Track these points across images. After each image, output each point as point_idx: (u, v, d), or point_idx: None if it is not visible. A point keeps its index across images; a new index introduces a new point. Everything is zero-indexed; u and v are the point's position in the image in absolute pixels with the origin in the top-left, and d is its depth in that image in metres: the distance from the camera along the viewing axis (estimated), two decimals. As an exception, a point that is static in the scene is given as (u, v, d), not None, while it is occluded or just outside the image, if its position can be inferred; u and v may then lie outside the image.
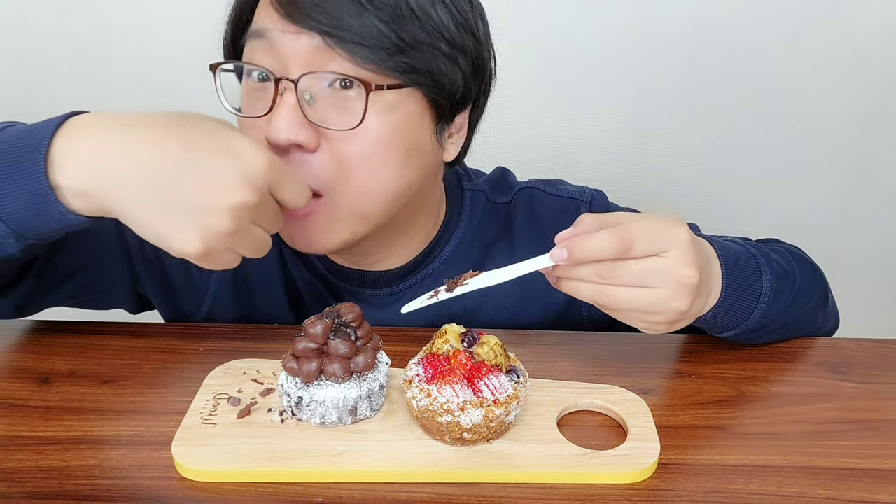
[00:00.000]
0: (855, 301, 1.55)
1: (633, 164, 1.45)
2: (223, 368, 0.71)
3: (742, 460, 0.63)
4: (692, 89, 1.39)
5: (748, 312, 0.72)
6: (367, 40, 0.64)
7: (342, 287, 0.85)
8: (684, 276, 0.61)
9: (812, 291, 0.81)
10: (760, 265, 0.74)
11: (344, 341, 0.63)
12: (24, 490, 0.58)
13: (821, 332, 0.85)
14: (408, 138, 0.70)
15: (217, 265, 0.60)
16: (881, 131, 1.43)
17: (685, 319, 0.65)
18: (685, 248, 0.61)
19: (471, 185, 0.89)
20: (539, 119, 1.40)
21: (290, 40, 0.65)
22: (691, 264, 0.61)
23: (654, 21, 1.34)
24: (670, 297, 0.61)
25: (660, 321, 0.63)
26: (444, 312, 0.81)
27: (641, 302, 0.61)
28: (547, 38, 1.35)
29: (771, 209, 1.50)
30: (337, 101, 0.67)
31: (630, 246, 0.59)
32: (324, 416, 0.63)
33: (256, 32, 0.67)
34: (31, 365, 0.74)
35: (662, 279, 0.61)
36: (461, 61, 0.70)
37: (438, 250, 0.86)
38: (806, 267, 0.82)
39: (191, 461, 0.60)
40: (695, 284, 0.61)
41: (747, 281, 0.71)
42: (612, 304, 0.62)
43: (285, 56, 0.66)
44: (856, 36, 1.35)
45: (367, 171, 0.69)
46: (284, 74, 0.66)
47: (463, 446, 0.62)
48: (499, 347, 0.63)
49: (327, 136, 0.67)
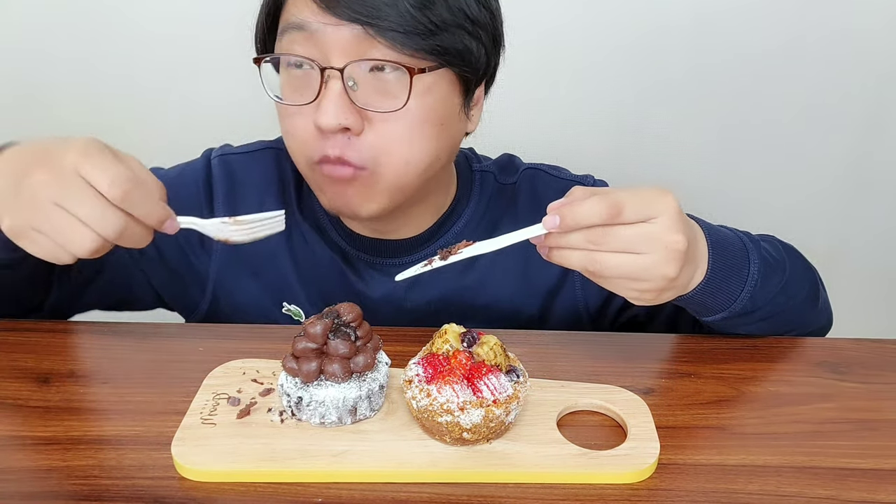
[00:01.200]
0: (855, 300, 1.55)
1: (632, 159, 1.45)
2: (223, 368, 0.71)
3: (742, 460, 0.63)
4: (691, 84, 1.39)
5: (735, 294, 0.73)
6: (404, 26, 0.68)
7: (359, 257, 0.89)
8: (673, 242, 0.61)
9: (802, 284, 0.82)
10: (748, 249, 0.75)
11: (343, 341, 0.63)
12: (24, 490, 0.58)
13: (811, 329, 0.84)
14: (442, 114, 0.75)
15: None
16: (882, 127, 1.43)
17: (673, 289, 0.65)
18: (673, 215, 0.62)
19: (480, 167, 0.93)
20: (536, 114, 1.40)
21: (330, 31, 0.69)
22: (679, 230, 0.62)
23: (652, 17, 1.34)
24: (659, 263, 0.62)
25: (648, 288, 0.64)
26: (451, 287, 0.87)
27: (630, 268, 0.62)
28: (543, 33, 1.35)
29: (770, 205, 1.49)
30: (378, 84, 0.71)
31: (620, 211, 0.60)
32: (323, 416, 0.63)
33: (296, 25, 0.70)
34: (31, 365, 0.74)
35: (651, 245, 0.61)
36: (483, 37, 0.75)
37: (449, 225, 0.89)
38: (797, 260, 0.83)
39: (190, 461, 0.60)
40: (683, 250, 0.62)
41: (734, 262, 0.72)
42: (601, 271, 0.63)
43: (326, 46, 0.70)
44: (856, 30, 1.35)
45: (408, 146, 0.74)
46: (327, 63, 0.70)
47: (463, 446, 0.62)
48: (498, 347, 0.63)
49: (370, 117, 0.72)
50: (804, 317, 0.83)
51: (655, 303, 0.67)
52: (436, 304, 0.89)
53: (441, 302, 0.89)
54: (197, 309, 0.93)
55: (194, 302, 0.93)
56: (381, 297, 0.88)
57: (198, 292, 0.92)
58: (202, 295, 0.92)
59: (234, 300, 0.91)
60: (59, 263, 0.65)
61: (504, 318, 0.90)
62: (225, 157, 0.91)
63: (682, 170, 1.46)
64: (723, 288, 0.72)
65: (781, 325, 0.81)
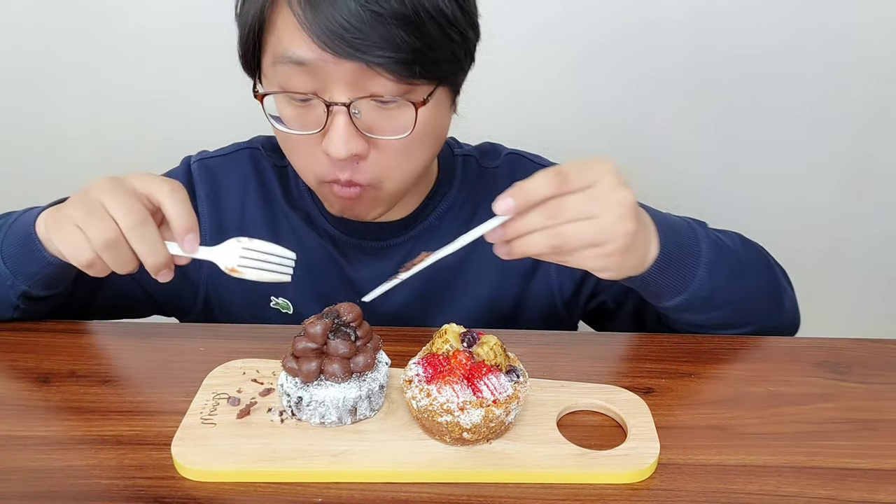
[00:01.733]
0: (855, 300, 1.55)
1: (630, 161, 1.44)
2: (223, 368, 0.71)
3: (742, 460, 0.63)
4: (690, 84, 1.39)
5: (692, 273, 0.75)
6: (403, 57, 0.69)
7: (347, 241, 0.91)
8: (621, 197, 0.63)
9: (760, 275, 0.83)
10: (695, 230, 0.77)
11: (343, 341, 0.63)
12: (24, 490, 0.58)
13: (772, 326, 0.85)
14: (440, 124, 0.79)
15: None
16: (882, 128, 1.43)
17: (634, 249, 0.66)
18: (613, 173, 0.64)
19: (462, 152, 0.95)
20: (532, 115, 1.40)
21: (331, 67, 0.70)
22: (623, 186, 0.64)
23: (651, 17, 1.33)
24: (615, 221, 0.63)
25: (612, 250, 0.64)
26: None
27: (590, 232, 0.63)
28: (540, 30, 1.34)
29: (770, 205, 1.49)
30: (382, 111, 0.73)
31: (565, 178, 0.62)
32: (323, 415, 0.63)
33: (294, 60, 0.71)
34: (31, 365, 0.74)
35: (602, 205, 0.63)
36: (467, 43, 0.76)
37: (433, 207, 0.91)
38: (754, 252, 0.85)
39: (190, 461, 0.60)
40: (632, 203, 0.64)
41: (685, 241, 0.75)
42: (565, 243, 0.63)
43: (328, 80, 0.71)
44: (856, 31, 1.34)
45: (409, 161, 0.78)
46: (331, 98, 0.71)
47: (463, 446, 0.62)
48: (498, 347, 0.63)
49: (376, 141, 0.74)
50: (765, 311, 0.83)
51: (621, 271, 0.68)
52: (419, 289, 0.91)
53: (426, 284, 0.90)
54: (190, 313, 0.95)
55: (188, 306, 0.94)
56: (371, 280, 0.88)
57: (190, 297, 0.93)
58: (194, 299, 0.93)
59: (225, 301, 0.92)
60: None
61: (484, 301, 0.92)
62: (203, 162, 0.93)
63: (681, 172, 1.46)
64: (678, 266, 0.74)
65: (742, 315, 0.81)
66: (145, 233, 0.65)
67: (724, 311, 0.80)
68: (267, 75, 0.75)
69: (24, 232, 0.75)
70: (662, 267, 0.72)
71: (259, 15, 0.72)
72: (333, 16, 0.67)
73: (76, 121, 1.43)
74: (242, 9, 0.75)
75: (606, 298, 0.93)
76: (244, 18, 0.75)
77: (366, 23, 0.67)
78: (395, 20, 0.68)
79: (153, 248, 0.65)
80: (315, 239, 0.91)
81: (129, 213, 0.64)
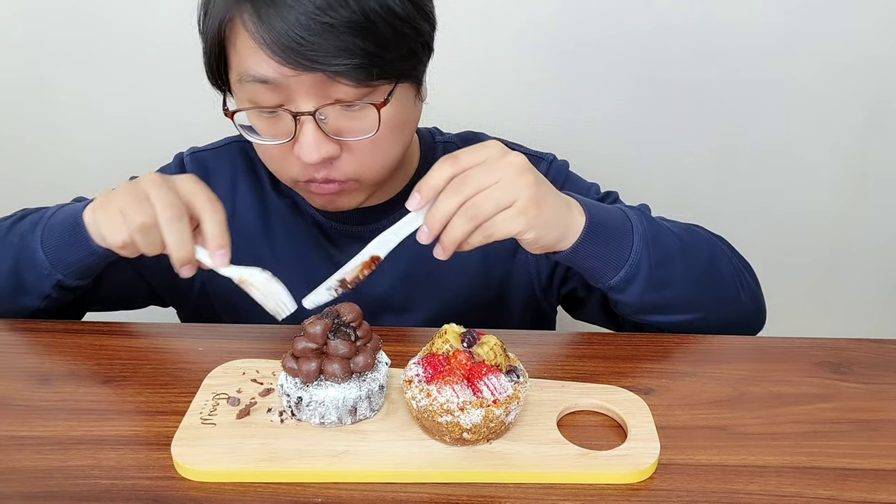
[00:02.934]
0: (855, 300, 1.55)
1: (631, 165, 1.44)
2: (223, 368, 0.71)
3: (742, 460, 0.63)
4: (690, 89, 1.39)
5: (626, 243, 0.76)
6: (360, 63, 0.72)
7: (333, 227, 0.93)
8: (511, 158, 0.68)
9: (705, 257, 0.84)
10: (622, 208, 0.80)
11: (343, 341, 0.63)
12: (24, 490, 0.58)
13: (731, 316, 0.85)
14: (406, 116, 0.81)
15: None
16: (881, 131, 1.43)
17: (544, 201, 0.69)
18: (499, 146, 0.69)
19: (443, 139, 0.99)
20: (532, 119, 1.39)
21: (293, 81, 0.73)
22: (510, 152, 0.69)
23: (652, 18, 1.33)
24: (514, 177, 0.67)
25: (523, 205, 0.67)
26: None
27: (496, 194, 0.67)
28: (540, 31, 1.34)
29: (771, 208, 1.49)
30: (347, 113, 0.76)
31: (456, 160, 0.67)
32: (323, 416, 0.63)
33: (258, 78, 0.74)
34: (31, 365, 0.74)
35: (498, 169, 0.67)
36: (423, 36, 0.79)
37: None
38: (698, 235, 0.87)
39: (190, 461, 0.60)
40: (524, 162, 0.68)
41: (612, 215, 0.77)
42: (479, 213, 0.66)
43: (292, 93, 0.74)
44: (856, 32, 1.34)
45: (383, 155, 0.81)
46: (297, 108, 0.74)
47: (463, 446, 0.62)
48: (498, 347, 0.63)
49: (346, 142, 0.77)
50: (715, 299, 0.84)
51: (545, 231, 0.70)
52: (404, 273, 0.93)
53: (411, 269, 0.92)
54: (187, 301, 0.97)
55: (184, 293, 0.96)
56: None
57: (186, 284, 0.94)
58: (190, 287, 0.95)
59: (221, 289, 0.94)
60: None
61: (469, 286, 0.94)
62: (195, 155, 0.97)
63: (682, 175, 1.46)
64: (611, 236, 0.76)
65: (686, 302, 0.81)
66: (179, 228, 0.69)
67: (667, 293, 0.80)
68: (235, 90, 0.79)
69: (71, 222, 0.78)
70: (592, 236, 0.74)
71: (218, 34, 0.75)
72: (286, 31, 0.70)
73: (75, 122, 1.42)
74: (204, 24, 0.77)
75: (576, 285, 0.94)
76: (206, 34, 0.77)
77: (319, 34, 0.70)
78: (347, 28, 0.70)
79: (182, 244, 0.69)
80: (303, 225, 0.94)
81: (168, 207, 0.69)
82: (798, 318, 1.08)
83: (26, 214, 0.86)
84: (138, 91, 1.39)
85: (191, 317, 1.00)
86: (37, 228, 0.81)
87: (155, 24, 1.33)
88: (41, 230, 0.80)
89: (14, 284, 0.82)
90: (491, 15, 1.29)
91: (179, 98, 1.37)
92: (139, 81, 1.38)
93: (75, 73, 1.38)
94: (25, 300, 0.83)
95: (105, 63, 1.37)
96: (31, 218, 0.84)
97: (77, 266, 0.79)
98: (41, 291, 0.82)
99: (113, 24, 1.34)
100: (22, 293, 0.83)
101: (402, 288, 0.93)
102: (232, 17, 0.74)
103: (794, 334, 0.83)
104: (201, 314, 0.97)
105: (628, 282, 0.77)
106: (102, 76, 1.38)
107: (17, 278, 0.82)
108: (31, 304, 0.83)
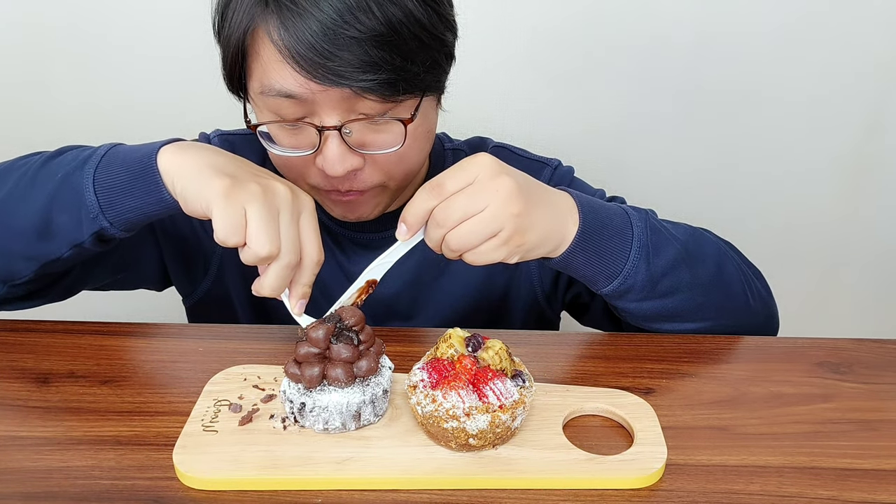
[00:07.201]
0: (855, 300, 1.56)
1: (631, 165, 1.44)
2: (224, 374, 0.71)
3: (743, 461, 0.63)
4: (692, 94, 1.38)
5: (622, 255, 0.75)
6: (387, 78, 0.70)
7: (343, 234, 0.92)
8: (498, 184, 0.66)
9: (712, 265, 0.82)
10: (629, 215, 0.77)
11: (346, 345, 0.62)
12: (24, 490, 0.58)
13: (734, 318, 0.84)
14: (430, 126, 0.82)
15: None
16: (881, 130, 1.43)
17: (533, 229, 0.68)
18: (489, 165, 0.66)
19: (452, 145, 0.98)
20: (535, 123, 1.39)
21: (319, 95, 0.71)
22: (500, 174, 0.66)
23: (651, 19, 1.32)
24: (499, 207, 0.65)
25: (507, 235, 0.66)
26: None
27: (481, 226, 0.65)
28: (542, 35, 1.33)
29: (771, 208, 1.49)
30: (372, 126, 0.75)
31: (441, 184, 0.65)
32: (327, 421, 0.63)
33: (282, 93, 0.72)
34: (30, 365, 0.74)
35: (483, 196, 0.65)
36: (447, 46, 0.78)
37: None
38: (706, 243, 0.84)
39: (193, 469, 0.59)
40: (512, 187, 0.66)
41: (612, 224, 0.75)
42: (464, 245, 0.66)
43: (317, 107, 0.73)
44: (856, 34, 1.34)
45: (406, 164, 0.81)
46: (322, 122, 0.73)
47: (468, 452, 0.62)
48: (504, 352, 0.63)
49: (371, 154, 0.77)
50: (721, 307, 0.83)
51: (531, 253, 0.69)
52: (410, 279, 0.92)
53: (417, 274, 0.92)
54: (197, 289, 0.96)
55: (196, 280, 0.96)
56: None
57: (200, 271, 0.95)
58: (204, 274, 0.95)
59: (237, 281, 0.94)
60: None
61: (474, 291, 0.94)
62: (224, 136, 0.95)
63: (682, 175, 1.46)
64: (604, 247, 0.74)
65: (689, 311, 0.81)
66: (287, 275, 0.66)
67: (669, 302, 0.79)
68: (255, 100, 0.77)
69: (139, 165, 0.70)
70: (584, 246, 0.72)
71: (241, 43, 0.73)
72: (313, 44, 0.68)
73: (75, 122, 1.41)
74: (223, 31, 0.75)
75: (581, 290, 0.94)
76: (226, 42, 0.75)
77: (346, 48, 0.69)
78: (373, 41, 0.69)
79: (281, 286, 0.66)
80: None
81: (291, 252, 0.65)
82: (798, 318, 1.08)
83: (65, 150, 0.78)
84: (138, 91, 1.38)
85: (196, 302, 0.98)
86: (87, 166, 0.72)
87: (155, 24, 1.32)
88: (93, 168, 0.71)
89: (41, 225, 0.73)
90: (499, 22, 1.29)
91: (179, 98, 1.35)
92: (139, 81, 1.37)
93: (75, 73, 1.36)
94: (48, 246, 0.74)
95: (105, 63, 1.36)
96: (74, 153, 0.75)
97: (133, 213, 0.71)
98: (73, 238, 0.73)
99: (113, 25, 1.33)
100: (47, 237, 0.74)
101: (407, 294, 0.92)
102: (256, 26, 0.71)
103: (794, 334, 0.83)
104: (211, 297, 0.96)
105: (625, 291, 0.76)
106: (102, 76, 1.37)
107: (46, 219, 0.73)
108: (50, 253, 0.75)
